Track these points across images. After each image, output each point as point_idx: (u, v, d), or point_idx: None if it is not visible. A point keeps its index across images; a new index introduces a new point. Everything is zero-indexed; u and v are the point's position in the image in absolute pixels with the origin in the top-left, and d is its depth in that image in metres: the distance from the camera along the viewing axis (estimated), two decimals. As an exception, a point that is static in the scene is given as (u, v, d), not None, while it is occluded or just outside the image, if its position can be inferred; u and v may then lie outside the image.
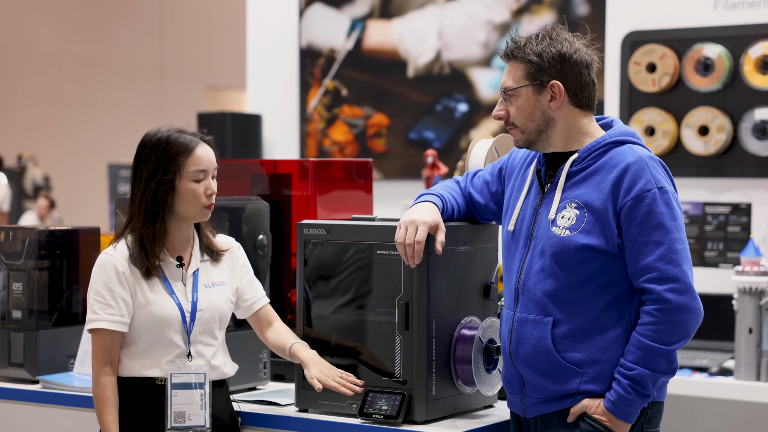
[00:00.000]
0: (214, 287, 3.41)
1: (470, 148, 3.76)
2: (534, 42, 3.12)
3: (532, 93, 3.13)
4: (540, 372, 3.12)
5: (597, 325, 3.08)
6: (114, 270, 3.29)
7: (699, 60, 5.99)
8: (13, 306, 3.97)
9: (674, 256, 3.00)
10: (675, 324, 3.00)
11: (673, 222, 3.02)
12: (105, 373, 3.29)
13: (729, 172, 5.95)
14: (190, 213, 3.34)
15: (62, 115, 17.74)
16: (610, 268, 3.06)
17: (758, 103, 5.89)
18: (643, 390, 3.02)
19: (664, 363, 3.02)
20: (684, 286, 3.00)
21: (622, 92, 6.23)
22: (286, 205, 4.07)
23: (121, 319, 3.29)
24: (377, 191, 4.44)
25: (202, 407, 3.33)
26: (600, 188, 3.06)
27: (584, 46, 3.16)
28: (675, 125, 6.03)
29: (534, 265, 3.13)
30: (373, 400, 3.33)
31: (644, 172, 3.02)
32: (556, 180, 3.14)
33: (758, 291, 4.88)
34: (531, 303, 3.13)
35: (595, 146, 3.11)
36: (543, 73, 3.11)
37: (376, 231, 3.36)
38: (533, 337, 3.12)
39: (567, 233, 3.07)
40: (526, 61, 3.11)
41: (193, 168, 3.31)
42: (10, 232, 4.02)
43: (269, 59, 7.95)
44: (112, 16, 18.44)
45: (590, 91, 3.15)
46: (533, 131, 3.15)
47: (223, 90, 19.72)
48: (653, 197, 3.01)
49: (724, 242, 5.95)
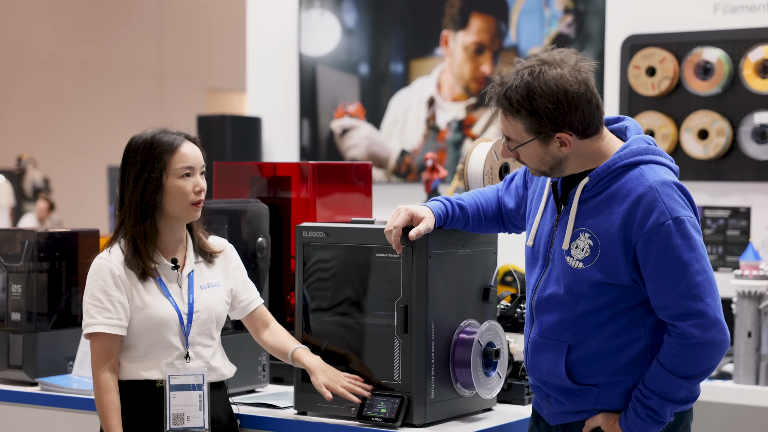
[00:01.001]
0: (209, 288, 3.41)
1: (469, 152, 3.76)
2: (522, 91, 2.91)
3: (539, 144, 2.97)
4: (556, 390, 3.07)
5: (611, 349, 2.99)
6: (110, 274, 3.29)
7: (698, 64, 5.99)
8: (12, 308, 3.97)
9: (695, 291, 2.86)
10: (698, 358, 2.89)
11: (691, 253, 2.87)
12: (106, 377, 3.28)
13: (728, 175, 5.95)
14: (178, 211, 3.33)
15: (62, 117, 17.74)
16: (625, 297, 2.96)
17: (758, 107, 5.90)
18: (659, 418, 2.94)
19: (684, 393, 2.93)
20: (708, 321, 2.87)
21: (622, 96, 6.24)
22: (285, 208, 4.07)
23: (119, 322, 3.28)
24: (378, 194, 4.43)
25: (200, 408, 3.33)
26: (611, 220, 2.93)
27: (575, 73, 2.93)
28: (674, 129, 6.04)
29: (548, 289, 3.05)
30: (371, 403, 3.33)
31: (656, 203, 2.87)
32: (569, 203, 3.02)
33: (757, 295, 4.88)
34: (544, 326, 3.06)
35: (606, 171, 2.96)
36: (545, 127, 2.93)
37: (375, 234, 3.36)
38: (548, 361, 3.06)
39: (581, 266, 2.97)
40: (522, 118, 2.94)
41: (179, 165, 3.31)
42: (9, 234, 4.02)
43: (269, 62, 7.95)
44: (111, 18, 18.43)
45: (596, 118, 2.96)
46: (546, 170, 3.03)
47: (223, 92, 19.72)
48: (668, 231, 2.86)
49: (723, 246, 5.95)
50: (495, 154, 3.71)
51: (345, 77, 7.78)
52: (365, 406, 3.33)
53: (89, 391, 3.76)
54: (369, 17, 7.70)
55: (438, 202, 3.31)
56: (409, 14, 7.54)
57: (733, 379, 4.99)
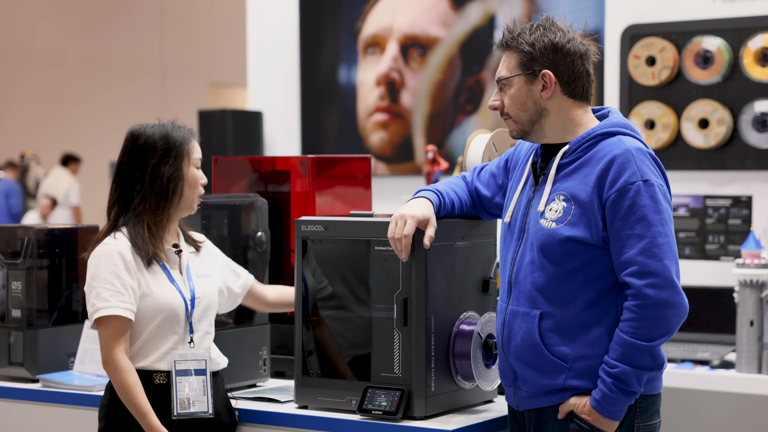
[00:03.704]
0: (204, 277, 3.48)
1: (468, 143, 3.76)
2: (528, 32, 3.12)
3: (524, 82, 3.12)
4: (529, 365, 3.12)
5: (583, 320, 3.06)
6: (121, 258, 3.31)
7: (698, 53, 5.98)
8: (12, 305, 3.98)
9: (656, 250, 2.97)
10: (656, 320, 2.97)
11: (657, 215, 2.99)
12: (124, 359, 3.28)
13: (729, 164, 5.94)
14: (190, 200, 3.43)
15: (64, 113, 17.75)
16: (596, 260, 3.05)
17: (758, 96, 5.88)
18: (628, 387, 3.00)
19: (647, 359, 2.99)
20: (665, 281, 2.96)
21: (622, 86, 6.22)
22: (284, 202, 4.07)
23: (131, 306, 3.30)
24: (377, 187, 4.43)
25: (204, 393, 3.36)
26: (587, 181, 3.05)
27: (580, 37, 3.14)
28: (675, 118, 6.03)
29: (525, 258, 3.14)
30: (372, 396, 3.33)
31: (629, 164, 3.00)
32: (548, 172, 3.14)
33: (759, 283, 4.88)
34: (521, 296, 3.14)
35: (585, 138, 3.10)
36: (535, 63, 3.10)
37: (374, 227, 3.36)
38: (522, 330, 3.12)
39: (554, 225, 3.06)
40: (519, 51, 3.11)
41: (195, 155, 3.43)
42: (9, 231, 4.02)
43: (270, 56, 7.94)
44: (113, 13, 18.44)
45: (584, 81, 3.13)
46: (526, 121, 3.14)
47: (225, 87, 19.73)
48: (637, 190, 2.98)
49: (725, 235, 5.94)
50: (493, 145, 3.71)
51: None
52: (366, 399, 3.33)
53: (90, 387, 3.77)
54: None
55: (434, 195, 3.32)
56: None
57: (736, 368, 4.98)
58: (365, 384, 3.37)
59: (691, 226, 5.96)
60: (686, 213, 5.99)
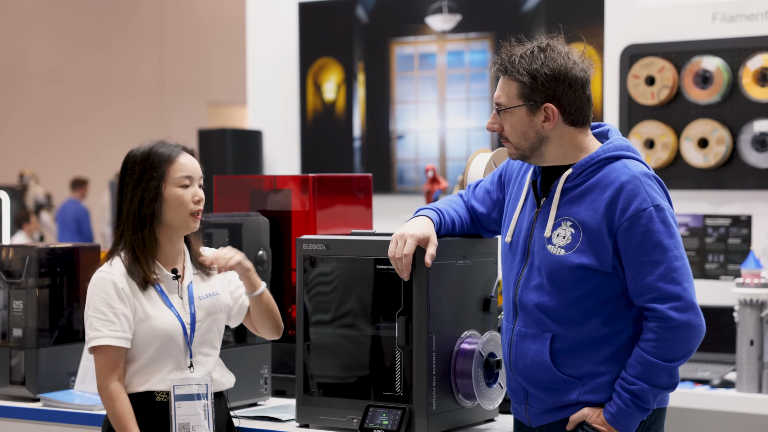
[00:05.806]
0: (209, 298, 3.42)
1: (469, 162, 3.77)
2: (528, 59, 3.07)
3: (526, 113, 3.08)
4: (540, 384, 3.12)
5: (595, 340, 3.06)
6: (113, 286, 3.29)
7: (698, 73, 6.00)
8: (13, 324, 3.97)
9: (674, 275, 2.98)
10: (678, 341, 2.98)
11: (671, 240, 3.00)
12: (116, 386, 3.27)
13: (729, 184, 5.95)
14: (178, 221, 3.34)
15: (63, 132, 17.77)
16: (606, 285, 3.05)
17: (757, 115, 5.90)
18: (644, 404, 3.02)
19: (665, 378, 3.01)
20: (686, 304, 2.98)
21: (622, 105, 6.24)
22: (285, 221, 4.07)
23: (123, 335, 3.28)
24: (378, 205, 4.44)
25: (205, 417, 3.34)
26: (595, 207, 3.03)
27: (581, 60, 3.10)
28: (674, 138, 6.04)
29: (531, 281, 3.12)
30: (373, 415, 3.33)
31: (639, 190, 3.00)
32: (551, 195, 3.11)
33: (759, 303, 4.88)
34: (529, 318, 3.12)
35: (589, 162, 3.08)
36: (536, 94, 3.06)
37: (376, 246, 3.36)
38: (532, 352, 3.11)
39: (562, 252, 3.05)
40: (519, 81, 3.06)
41: (178, 174, 3.33)
42: (10, 250, 4.02)
43: (269, 75, 7.96)
44: (112, 32, 18.47)
45: (585, 109, 3.10)
46: (527, 148, 3.12)
47: (224, 106, 19.75)
48: (649, 216, 2.98)
49: (724, 254, 5.95)
50: (494, 164, 3.71)
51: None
52: (367, 418, 3.33)
53: (91, 407, 3.77)
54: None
55: (435, 213, 3.32)
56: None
57: (736, 387, 4.99)
58: (366, 402, 3.36)
59: (690, 245, 5.97)
60: (686, 232, 6.00)
